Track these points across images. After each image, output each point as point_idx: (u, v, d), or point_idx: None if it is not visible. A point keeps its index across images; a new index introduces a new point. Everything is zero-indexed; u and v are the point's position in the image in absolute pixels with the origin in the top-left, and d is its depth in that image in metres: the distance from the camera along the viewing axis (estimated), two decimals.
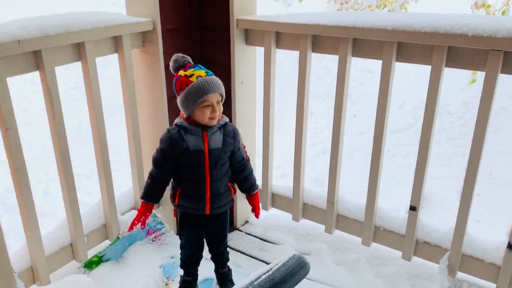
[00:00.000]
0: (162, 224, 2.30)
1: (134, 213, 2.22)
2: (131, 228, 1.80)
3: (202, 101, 1.59)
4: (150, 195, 1.78)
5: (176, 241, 2.32)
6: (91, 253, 2.07)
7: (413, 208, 1.94)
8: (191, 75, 1.61)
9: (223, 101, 1.67)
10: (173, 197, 1.77)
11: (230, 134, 1.71)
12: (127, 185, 2.34)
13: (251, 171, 1.83)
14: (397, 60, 1.80)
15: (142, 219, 1.79)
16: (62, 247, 1.95)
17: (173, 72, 1.69)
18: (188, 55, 1.68)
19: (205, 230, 1.85)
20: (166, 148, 1.68)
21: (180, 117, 1.70)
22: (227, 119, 1.74)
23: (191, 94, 1.59)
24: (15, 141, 1.64)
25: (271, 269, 0.73)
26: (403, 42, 1.74)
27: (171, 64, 1.69)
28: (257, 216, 1.87)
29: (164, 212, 2.38)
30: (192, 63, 1.68)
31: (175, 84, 1.65)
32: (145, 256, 2.16)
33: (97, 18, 1.82)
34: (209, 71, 1.65)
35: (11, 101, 1.61)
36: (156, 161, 1.73)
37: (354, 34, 1.82)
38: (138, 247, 2.19)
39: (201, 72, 1.62)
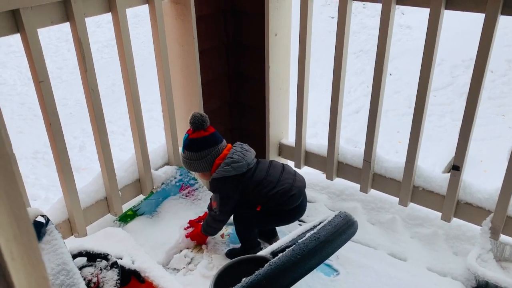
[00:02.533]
0: (196, 180, 2.30)
1: (168, 168, 2.22)
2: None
3: None
4: None
5: (209, 196, 2.31)
6: (125, 207, 2.09)
7: (456, 168, 1.84)
8: None
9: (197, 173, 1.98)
10: None
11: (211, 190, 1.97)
12: (159, 141, 2.33)
13: (206, 219, 1.99)
14: (447, 8, 1.66)
15: None
16: (98, 201, 1.98)
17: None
18: (220, 5, 1.59)
19: None
20: None
21: None
22: (213, 177, 1.90)
23: None
24: (48, 94, 1.62)
25: (315, 226, 0.68)
26: None
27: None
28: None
29: None
30: (193, 128, 1.87)
31: None
32: (179, 211, 2.17)
33: None
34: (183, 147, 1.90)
35: (42, 54, 1.58)
36: None
37: None
38: (171, 202, 2.20)
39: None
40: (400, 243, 2.01)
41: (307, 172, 2.46)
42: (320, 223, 0.69)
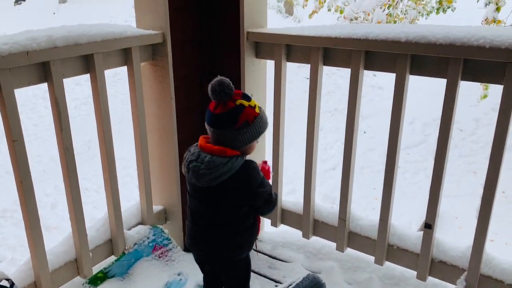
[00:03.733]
0: (169, 240, 2.25)
1: (141, 228, 2.18)
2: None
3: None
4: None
5: (183, 257, 2.26)
6: (96, 269, 2.02)
7: (428, 226, 1.87)
8: (255, 106, 1.56)
9: None
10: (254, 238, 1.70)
11: None
12: (134, 199, 2.30)
13: None
14: (411, 73, 1.76)
15: None
16: (67, 262, 1.91)
17: (218, 99, 1.51)
18: (198, 67, 1.65)
19: None
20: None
21: (218, 154, 1.51)
22: None
23: (261, 126, 1.55)
24: (21, 152, 1.61)
25: None
26: (417, 54, 1.70)
27: (224, 89, 1.49)
28: None
29: (171, 227, 2.34)
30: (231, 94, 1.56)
31: (237, 116, 1.50)
32: (151, 273, 2.11)
33: (106, 30, 1.81)
34: None
35: (18, 113, 1.59)
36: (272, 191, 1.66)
37: (366, 46, 1.78)
38: (144, 263, 2.14)
39: (254, 101, 1.58)
40: None
41: (283, 230, 2.45)
42: (289, 285, 0.69)
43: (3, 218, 4.24)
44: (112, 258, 2.10)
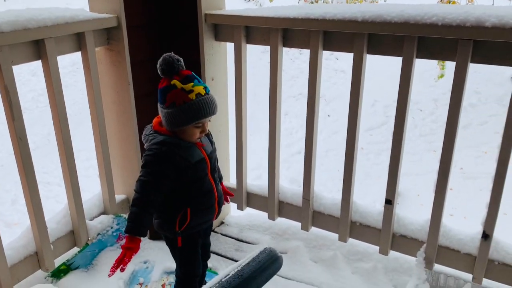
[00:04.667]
0: None
1: (104, 217, 2.14)
2: (112, 271, 1.45)
3: (197, 122, 1.48)
4: (140, 226, 1.46)
5: (149, 245, 2.25)
6: (58, 262, 1.98)
7: (388, 202, 1.92)
8: (190, 91, 1.44)
9: None
10: (179, 222, 1.55)
11: (208, 132, 1.62)
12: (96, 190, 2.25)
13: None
14: (368, 52, 1.79)
15: (127, 259, 1.46)
16: (27, 256, 1.86)
17: (161, 75, 1.48)
18: (156, 51, 1.61)
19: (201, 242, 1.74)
20: (161, 169, 1.46)
21: (155, 129, 1.53)
22: None
23: (188, 113, 1.44)
24: None
25: (240, 265, 0.68)
26: (373, 33, 1.73)
27: (162, 65, 1.46)
28: (228, 200, 1.81)
29: None
30: (185, 68, 1.50)
31: (165, 94, 1.45)
32: None
33: (57, 14, 1.74)
34: (206, 85, 1.51)
35: None
36: (148, 185, 1.45)
37: (324, 26, 1.79)
38: (108, 253, 2.11)
39: (200, 88, 1.45)
40: (342, 280, 2.03)
41: (249, 214, 2.46)
42: (246, 260, 0.69)
43: None
44: (75, 249, 2.05)
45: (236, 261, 2.18)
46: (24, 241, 1.88)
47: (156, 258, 2.15)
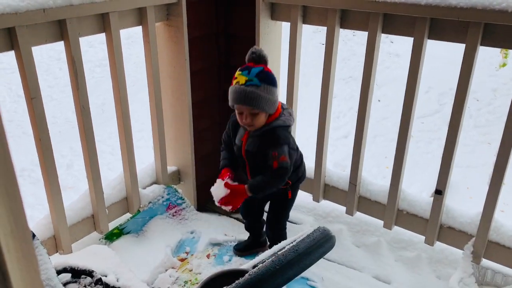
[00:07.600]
0: (183, 199, 2.31)
1: (156, 187, 2.23)
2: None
3: (233, 106, 1.67)
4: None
5: (196, 216, 2.32)
6: (112, 225, 2.09)
7: (438, 192, 1.88)
8: (235, 78, 1.64)
9: (260, 114, 1.65)
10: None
11: (267, 142, 1.69)
12: (148, 162, 2.34)
13: (267, 179, 1.71)
14: (429, 37, 1.73)
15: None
16: (84, 218, 1.98)
17: (246, 61, 1.70)
18: (213, 28, 1.65)
19: None
20: (227, 127, 1.84)
21: None
22: (276, 124, 1.68)
23: (228, 95, 1.67)
24: (39, 110, 1.64)
25: (295, 240, 0.70)
26: (436, 18, 1.66)
27: (251, 54, 1.68)
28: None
29: (185, 188, 2.38)
30: (254, 62, 1.65)
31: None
32: (165, 230, 2.17)
33: None
34: (253, 78, 1.60)
35: (35, 71, 1.61)
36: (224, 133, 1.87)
37: (385, 9, 1.74)
38: (158, 221, 2.20)
39: (242, 78, 1.61)
40: (385, 266, 2.03)
41: None
42: (301, 236, 0.72)
43: (22, 177, 4.34)
44: (128, 215, 2.16)
45: None
46: (82, 203, 2.00)
47: (202, 229, 2.23)
